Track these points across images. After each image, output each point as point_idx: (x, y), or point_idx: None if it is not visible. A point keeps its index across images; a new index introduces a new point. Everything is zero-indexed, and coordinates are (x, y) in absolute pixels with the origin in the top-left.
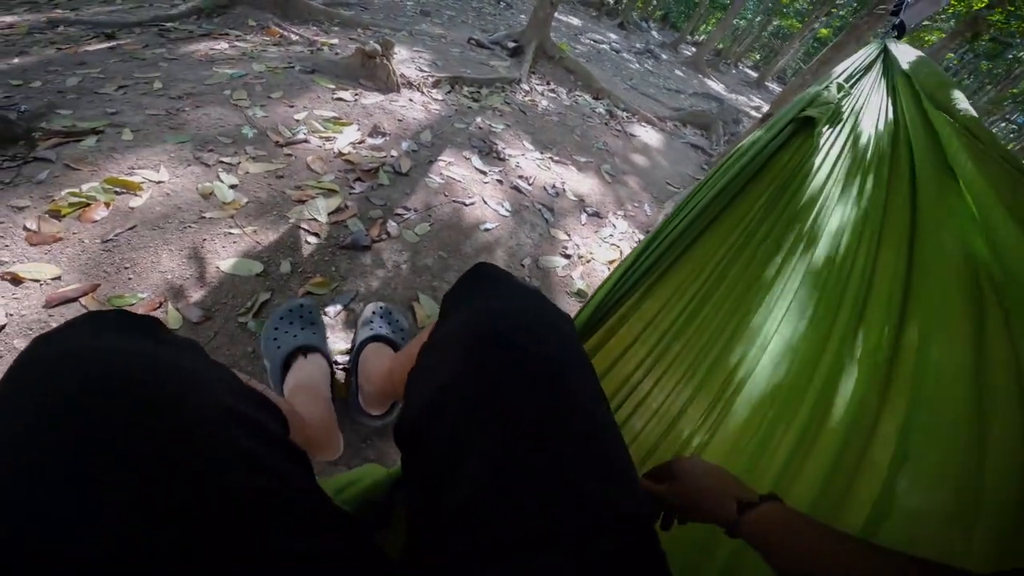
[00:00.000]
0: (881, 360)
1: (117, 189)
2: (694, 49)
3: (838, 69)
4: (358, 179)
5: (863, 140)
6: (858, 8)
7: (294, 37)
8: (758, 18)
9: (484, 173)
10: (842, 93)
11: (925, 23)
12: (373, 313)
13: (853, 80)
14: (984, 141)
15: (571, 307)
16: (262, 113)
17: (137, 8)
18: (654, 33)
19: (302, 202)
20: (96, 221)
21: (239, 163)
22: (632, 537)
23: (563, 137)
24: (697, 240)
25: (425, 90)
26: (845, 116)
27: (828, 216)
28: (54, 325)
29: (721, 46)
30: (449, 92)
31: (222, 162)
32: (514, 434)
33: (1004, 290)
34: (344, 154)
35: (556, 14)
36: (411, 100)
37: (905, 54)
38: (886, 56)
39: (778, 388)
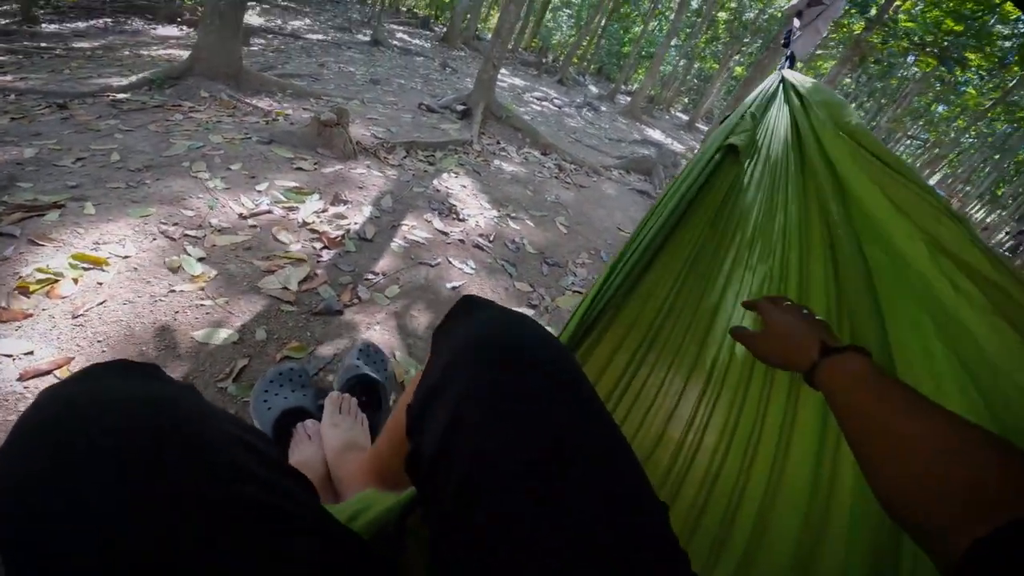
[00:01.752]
0: None
1: (84, 265)
2: (629, 98)
3: (748, 100)
4: (325, 247)
5: (776, 160)
6: (763, 46)
7: (248, 108)
8: (681, 62)
9: (446, 234)
10: (755, 121)
11: (819, 52)
12: (359, 352)
13: (761, 109)
14: (869, 148)
15: None
16: (223, 185)
17: (87, 78)
18: (591, 87)
19: (272, 272)
20: (65, 297)
21: (205, 236)
22: (657, 555)
23: (517, 193)
24: (653, 262)
25: (382, 156)
26: (760, 141)
27: (761, 231)
28: (30, 398)
29: (653, 93)
30: (405, 157)
31: (187, 235)
32: (534, 458)
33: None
34: (309, 223)
35: (499, 76)
36: (369, 167)
37: (799, 81)
38: (784, 85)
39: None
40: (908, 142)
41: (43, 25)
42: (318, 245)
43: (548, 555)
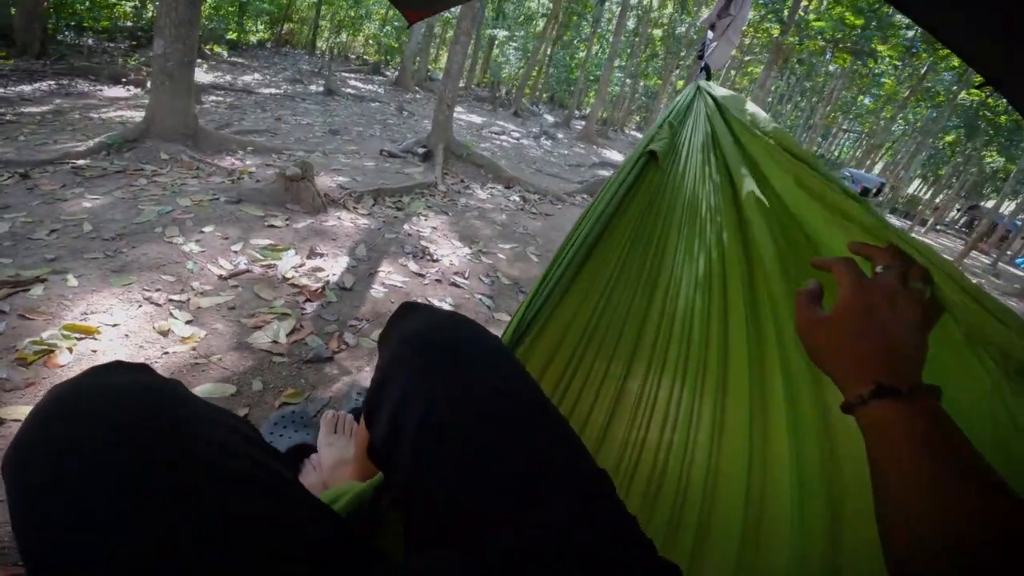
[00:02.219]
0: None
1: (76, 335)
2: (583, 123)
3: (666, 110)
4: (307, 300)
5: (697, 163)
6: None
7: (211, 168)
8: (628, 82)
9: (422, 275)
10: (672, 129)
11: (747, 58)
12: (356, 393)
13: (679, 117)
14: (784, 145)
15: None
16: (198, 248)
17: (43, 145)
18: (546, 116)
19: (259, 327)
20: (63, 366)
21: (189, 299)
22: (603, 503)
23: (487, 228)
24: (585, 264)
25: (351, 206)
26: (679, 147)
27: (687, 231)
28: None
29: (605, 115)
30: (374, 205)
31: (172, 300)
32: (473, 436)
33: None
34: (289, 279)
35: (456, 114)
36: (339, 218)
37: (714, 90)
38: (700, 94)
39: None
40: (845, 136)
41: None
42: (301, 298)
43: (490, 494)
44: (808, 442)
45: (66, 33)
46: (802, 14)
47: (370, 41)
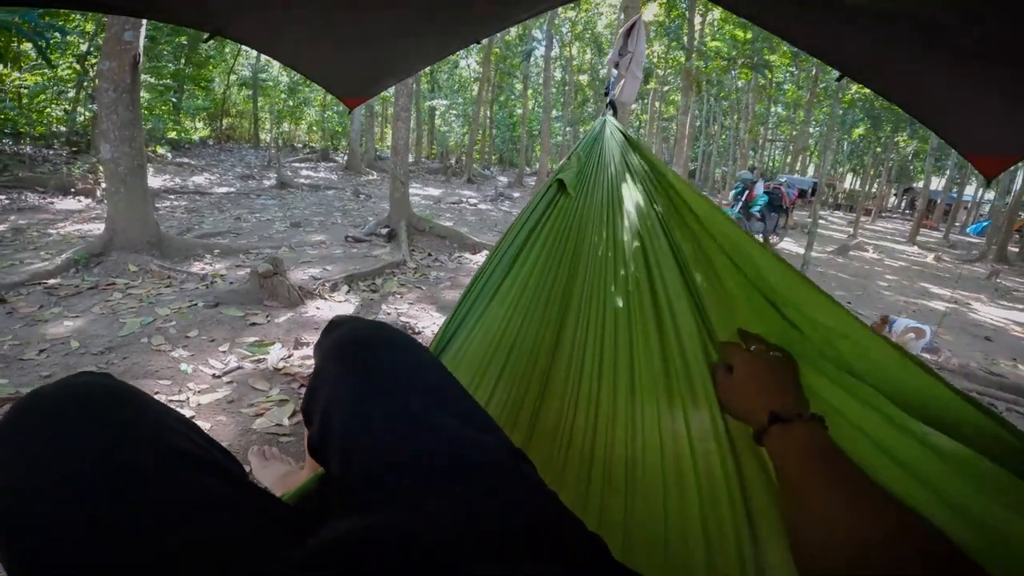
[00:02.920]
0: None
1: None
2: (536, 178)
3: (577, 144)
4: (302, 386)
5: (600, 194)
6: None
7: (182, 275)
8: (568, 130)
9: None
10: (580, 161)
11: (665, 87)
12: None
13: (587, 149)
14: (671, 182)
15: None
16: (187, 353)
17: (10, 266)
18: (500, 178)
19: (261, 415)
20: None
21: (188, 398)
22: (522, 478)
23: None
24: (501, 285)
25: (327, 295)
26: (587, 176)
27: (597, 255)
28: None
29: (554, 166)
30: (349, 291)
31: (172, 400)
32: (392, 420)
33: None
34: (280, 369)
35: (412, 190)
36: (318, 308)
37: (617, 125)
38: (605, 129)
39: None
40: (772, 146)
41: None
42: (295, 385)
43: (410, 470)
44: (708, 446)
45: (4, 141)
46: (699, 38)
47: (314, 127)
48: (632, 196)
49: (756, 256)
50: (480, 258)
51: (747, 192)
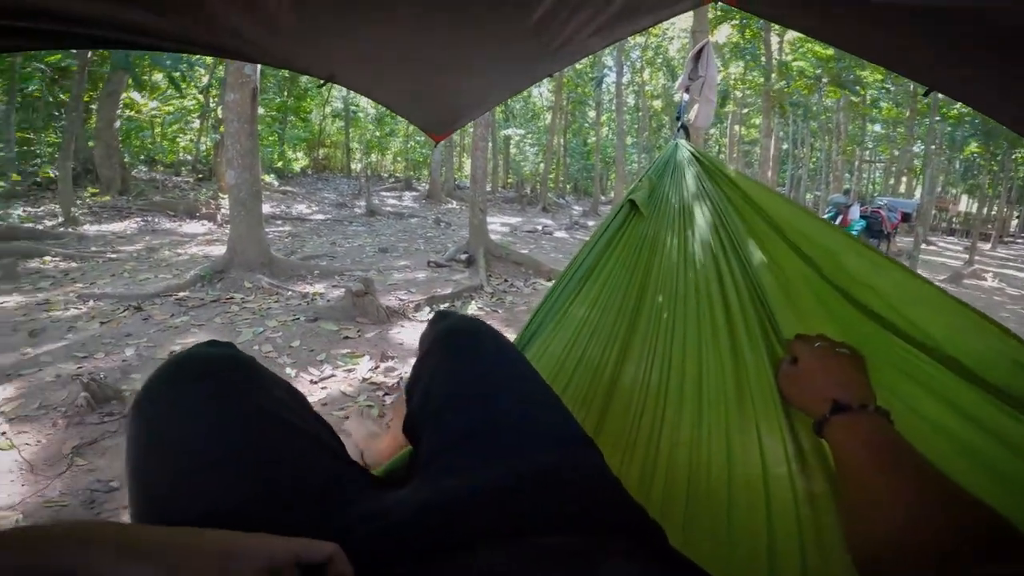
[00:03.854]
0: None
1: None
2: (610, 207)
3: (649, 166)
4: (386, 393)
5: (672, 213)
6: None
7: (288, 293)
8: (643, 157)
9: None
10: (652, 182)
11: (744, 110)
12: None
13: (658, 172)
14: (745, 189)
15: None
16: (290, 360)
17: (146, 280)
18: (574, 207)
19: (348, 418)
20: None
21: None
22: (591, 459)
23: None
24: (579, 292)
25: (410, 315)
26: (660, 196)
27: (663, 270)
28: None
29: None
30: (430, 312)
31: None
32: (483, 398)
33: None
34: (367, 378)
35: (489, 218)
36: (403, 326)
37: (688, 146)
38: (677, 152)
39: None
40: (870, 167)
41: (84, 227)
42: (380, 392)
43: (491, 439)
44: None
45: (141, 168)
46: (780, 58)
47: (398, 158)
48: (704, 214)
49: (834, 246)
50: None
51: (841, 217)
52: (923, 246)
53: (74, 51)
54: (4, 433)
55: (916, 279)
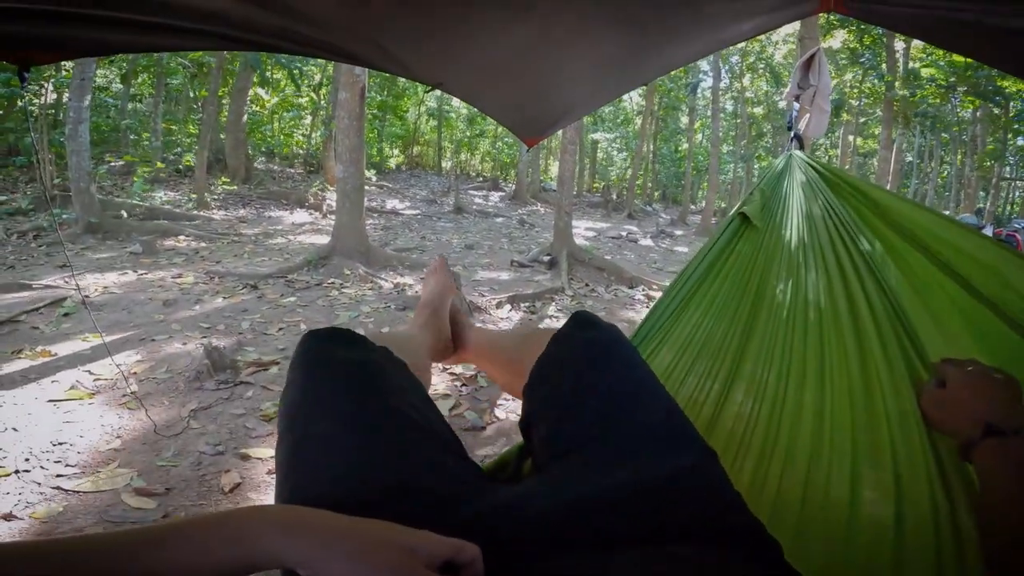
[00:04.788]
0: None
1: None
2: (699, 217)
3: (759, 180)
4: (463, 384)
5: (789, 228)
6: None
7: (381, 281)
8: (740, 167)
9: None
10: (763, 196)
11: (862, 119)
12: None
13: (771, 184)
14: (880, 201)
15: None
16: None
17: (262, 261)
18: (662, 215)
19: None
20: None
21: None
22: (714, 470)
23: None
24: (688, 304)
25: (492, 312)
26: (773, 210)
27: (777, 286)
28: None
29: (724, 204)
30: (511, 309)
31: None
32: (606, 406)
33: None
34: (447, 369)
35: (574, 222)
36: (483, 321)
37: (804, 158)
38: (791, 163)
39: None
40: (1010, 185)
41: (214, 211)
42: (458, 383)
43: (616, 445)
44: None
45: (261, 159)
46: (905, 64)
47: (486, 158)
48: (828, 229)
49: (1000, 265)
50: (638, 292)
51: None
52: None
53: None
54: (135, 392)
55: None
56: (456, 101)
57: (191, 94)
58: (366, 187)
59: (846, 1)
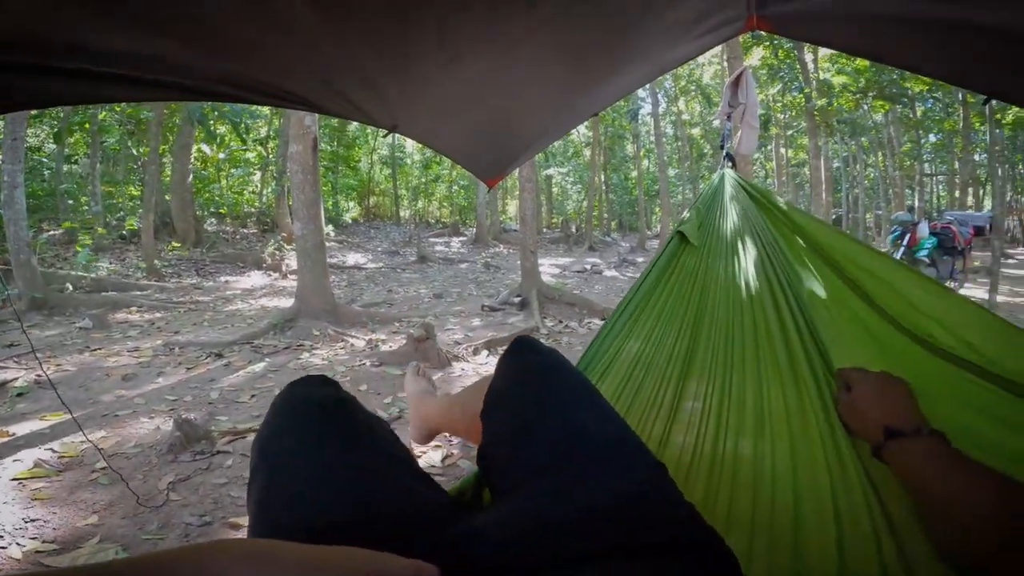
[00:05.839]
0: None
1: None
2: (657, 242)
3: (697, 198)
4: (450, 436)
5: (723, 243)
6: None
7: (352, 339)
8: (688, 188)
9: None
10: (699, 214)
11: (789, 132)
12: None
13: (706, 203)
14: (797, 222)
15: None
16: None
17: (224, 328)
18: (621, 243)
19: (419, 457)
20: None
21: None
22: (666, 484)
23: None
24: (636, 322)
25: (469, 359)
26: (709, 227)
27: (717, 297)
28: None
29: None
30: (488, 355)
31: None
32: (555, 430)
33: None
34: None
35: (539, 261)
36: (463, 369)
37: (735, 177)
38: (724, 182)
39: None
40: (933, 181)
41: (166, 279)
42: (445, 433)
43: (567, 467)
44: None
45: (211, 220)
46: (818, 75)
47: (443, 203)
48: (755, 245)
49: (888, 276)
50: None
51: (908, 235)
52: (1003, 260)
53: (149, 103)
54: (105, 468)
55: (969, 303)
56: (409, 146)
57: (132, 152)
58: (325, 244)
59: (768, 19)
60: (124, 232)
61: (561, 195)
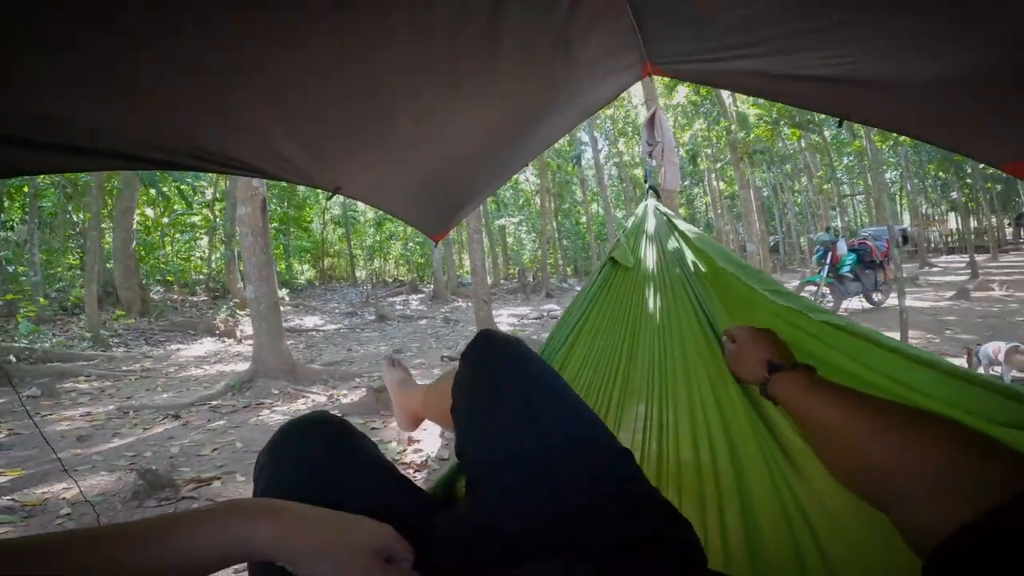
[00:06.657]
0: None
1: None
2: None
3: (626, 227)
4: (416, 471)
5: (649, 264)
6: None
7: (313, 395)
8: None
9: None
10: (628, 240)
11: (718, 164)
12: None
13: (633, 231)
14: (707, 248)
15: None
16: None
17: (179, 392)
18: (577, 288)
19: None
20: None
21: None
22: (620, 464)
23: None
24: (575, 345)
25: None
26: (638, 251)
27: (650, 310)
28: None
29: None
30: None
31: None
32: (519, 418)
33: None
34: (397, 459)
35: (497, 311)
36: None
37: (658, 207)
38: (647, 212)
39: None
40: (851, 200)
41: (113, 349)
42: (411, 471)
43: (531, 465)
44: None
45: (158, 289)
46: (738, 108)
47: (400, 261)
48: (673, 262)
49: (744, 268)
50: None
51: (830, 254)
52: (928, 268)
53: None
54: (69, 514)
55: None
56: (361, 205)
57: (71, 217)
58: (280, 307)
59: (659, 67)
60: (66, 303)
61: (516, 245)
